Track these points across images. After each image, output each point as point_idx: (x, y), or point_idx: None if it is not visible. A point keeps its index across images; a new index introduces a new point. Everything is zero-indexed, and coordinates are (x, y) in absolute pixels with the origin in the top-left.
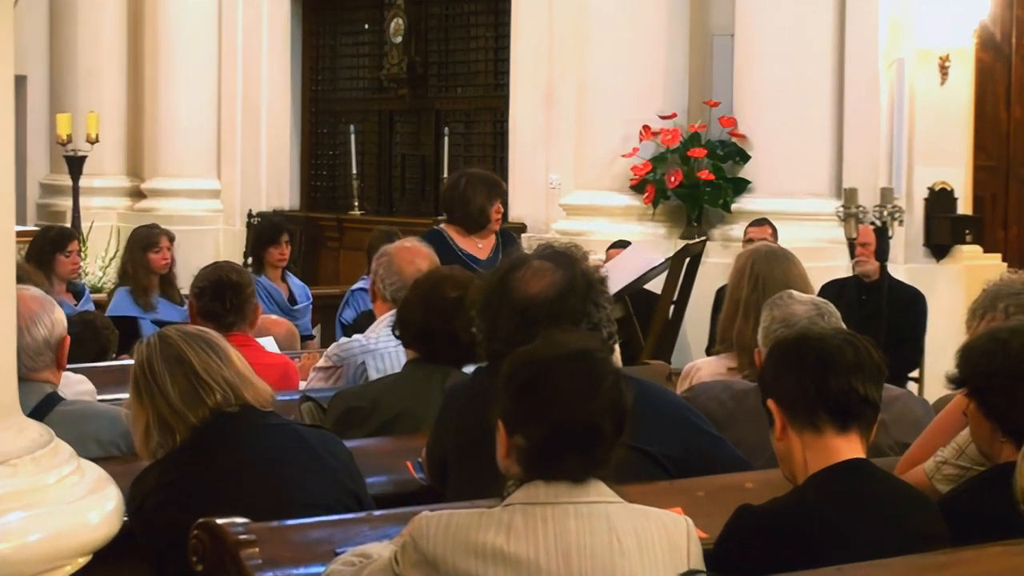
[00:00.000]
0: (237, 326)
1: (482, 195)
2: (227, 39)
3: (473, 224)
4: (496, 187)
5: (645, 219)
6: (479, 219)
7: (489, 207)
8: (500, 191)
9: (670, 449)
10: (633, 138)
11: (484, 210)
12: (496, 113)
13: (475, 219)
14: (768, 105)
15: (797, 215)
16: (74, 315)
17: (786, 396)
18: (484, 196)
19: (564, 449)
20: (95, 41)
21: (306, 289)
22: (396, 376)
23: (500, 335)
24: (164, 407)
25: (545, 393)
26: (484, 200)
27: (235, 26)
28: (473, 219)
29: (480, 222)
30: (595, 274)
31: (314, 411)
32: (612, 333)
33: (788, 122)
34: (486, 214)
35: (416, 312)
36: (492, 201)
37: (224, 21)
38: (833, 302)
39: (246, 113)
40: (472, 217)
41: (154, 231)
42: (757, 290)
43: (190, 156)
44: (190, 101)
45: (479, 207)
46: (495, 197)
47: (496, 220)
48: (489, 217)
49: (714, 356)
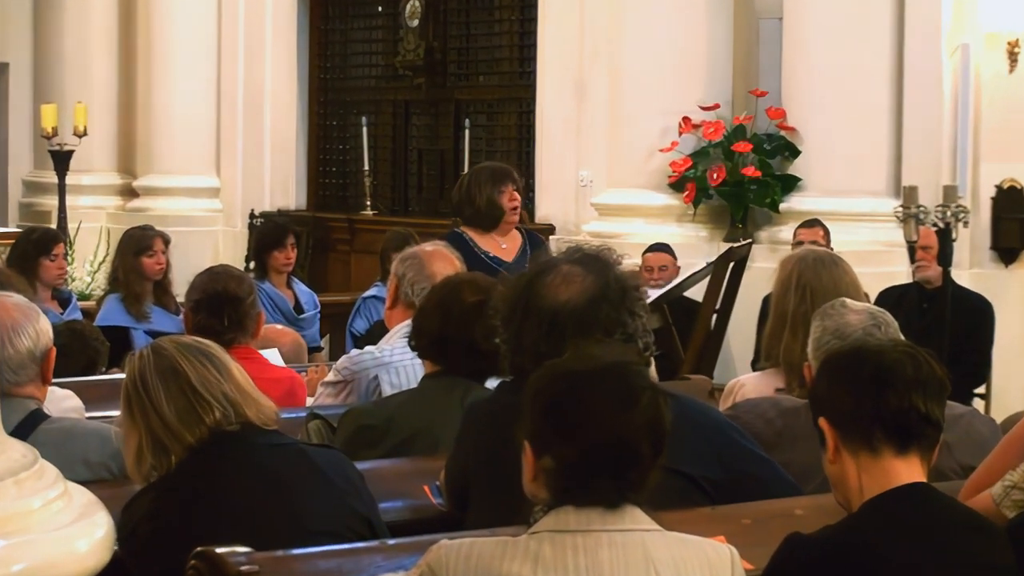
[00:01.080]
0: (238, 340)
1: (488, 186)
2: (227, 23)
3: (487, 220)
4: (503, 175)
5: (685, 220)
6: (491, 212)
7: (498, 196)
8: (509, 178)
9: (713, 472)
10: (672, 131)
11: (493, 201)
12: (521, 104)
13: (487, 213)
14: (820, 95)
15: (852, 216)
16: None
17: (839, 414)
18: (490, 186)
19: (596, 472)
20: (84, 25)
21: (314, 296)
22: (412, 391)
23: (526, 347)
24: (158, 425)
25: (576, 411)
26: (491, 190)
27: (236, 9)
28: (484, 214)
29: (493, 215)
30: (630, 280)
31: (322, 430)
32: (649, 345)
33: (842, 113)
34: (497, 204)
35: (432, 319)
36: (500, 189)
37: (224, 4)
38: (891, 311)
39: (248, 104)
40: (483, 212)
41: (148, 233)
42: (805, 302)
43: (187, 151)
44: (187, 91)
45: (487, 199)
46: (504, 185)
47: (513, 210)
48: (502, 207)
49: (760, 372)
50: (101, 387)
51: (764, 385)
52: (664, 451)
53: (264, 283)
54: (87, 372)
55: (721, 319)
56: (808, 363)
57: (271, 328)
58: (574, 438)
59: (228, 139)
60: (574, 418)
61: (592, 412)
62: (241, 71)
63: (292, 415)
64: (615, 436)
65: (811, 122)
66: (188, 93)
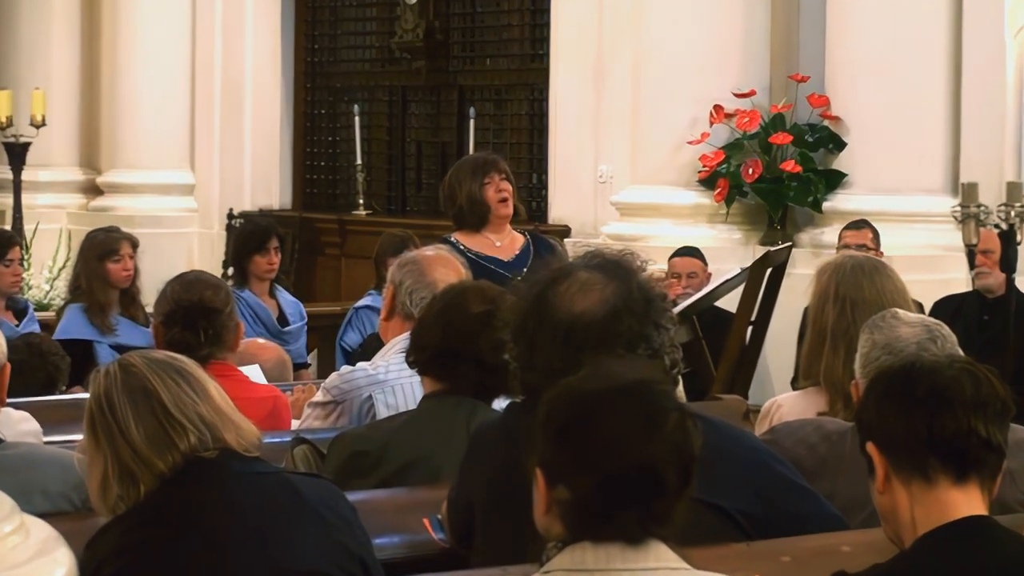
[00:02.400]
0: (215, 356)
1: (467, 180)
2: (203, 0)
3: (473, 218)
4: (484, 165)
5: (717, 220)
6: (475, 208)
7: (480, 189)
8: (493, 167)
9: (748, 504)
10: (702, 121)
11: (474, 195)
12: (533, 90)
13: (470, 211)
14: (868, 80)
15: (904, 216)
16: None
17: (890, 439)
18: (469, 179)
19: (617, 504)
20: (42, 5)
21: (300, 307)
22: (411, 413)
23: (538, 363)
24: (126, 451)
25: (594, 434)
26: (470, 184)
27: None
28: (468, 212)
29: (478, 211)
30: (655, 288)
31: (310, 456)
32: (676, 361)
33: (893, 101)
34: (479, 199)
35: (434, 332)
36: (481, 180)
37: None
38: (948, 323)
39: (227, 91)
40: (465, 211)
41: (113, 235)
42: (845, 315)
43: (157, 143)
44: (157, 76)
45: (468, 196)
46: (486, 176)
47: (502, 203)
48: (486, 201)
49: (800, 392)
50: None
51: (805, 406)
52: (693, 480)
53: (244, 292)
54: (46, 391)
55: (757, 332)
56: (855, 381)
57: (252, 342)
58: (592, 465)
59: (203, 130)
60: (592, 443)
61: (612, 436)
62: (218, 54)
63: (276, 440)
64: (638, 463)
65: (858, 111)
66: (159, 79)
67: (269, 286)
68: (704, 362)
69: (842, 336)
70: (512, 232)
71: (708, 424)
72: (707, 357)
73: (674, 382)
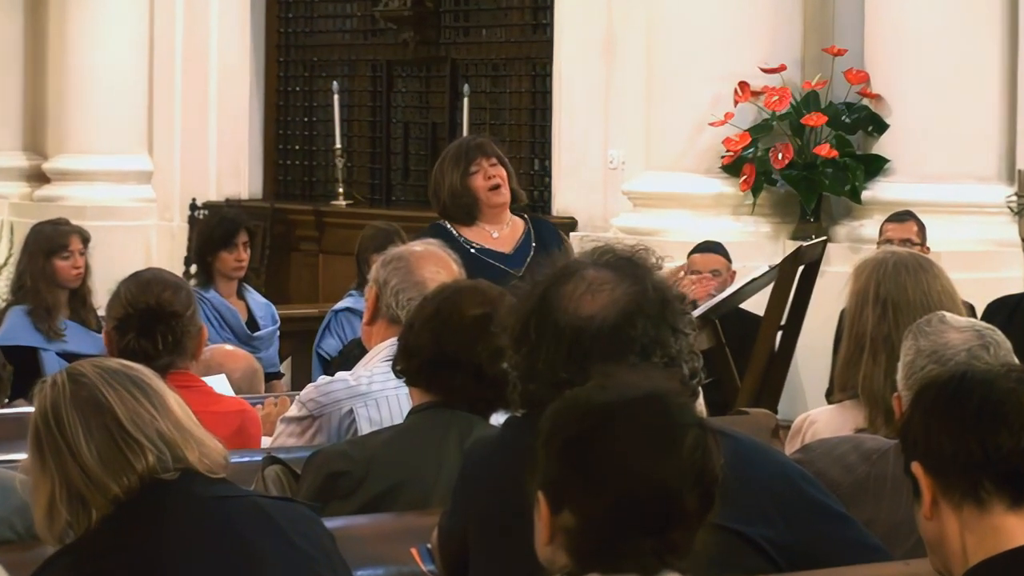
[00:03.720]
0: (175, 365)
1: (451, 170)
2: None
3: (461, 212)
4: (470, 150)
5: (742, 212)
6: (460, 201)
7: (464, 179)
8: (479, 152)
9: (776, 531)
10: (726, 100)
11: (457, 188)
12: (535, 65)
13: (457, 204)
14: (913, 54)
15: (953, 207)
16: None
17: (938, 458)
18: (452, 169)
19: (629, 531)
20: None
21: (272, 309)
22: (397, 429)
23: (541, 373)
24: (76, 472)
25: (603, 453)
26: (453, 174)
27: None
28: (454, 206)
29: (464, 204)
30: (672, 289)
31: (283, 478)
32: (696, 370)
33: (941, 77)
34: (466, 190)
35: (424, 338)
36: (464, 167)
37: None
38: (1002, 328)
39: (189, 67)
40: (450, 206)
41: (62, 229)
42: (886, 319)
43: (110, 126)
44: (111, 52)
45: (451, 188)
46: (472, 163)
47: (493, 190)
48: (474, 191)
49: (835, 406)
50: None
51: (841, 422)
52: (714, 504)
53: (209, 292)
54: None
55: (787, 338)
56: (898, 394)
57: (218, 349)
58: (601, 488)
59: (163, 110)
60: (601, 463)
61: (624, 455)
62: (180, 24)
63: (244, 459)
64: (653, 486)
65: (902, 88)
66: (113, 53)
67: (237, 286)
68: (728, 371)
69: (883, 343)
70: (513, 219)
71: (732, 441)
72: (731, 366)
73: (694, 394)
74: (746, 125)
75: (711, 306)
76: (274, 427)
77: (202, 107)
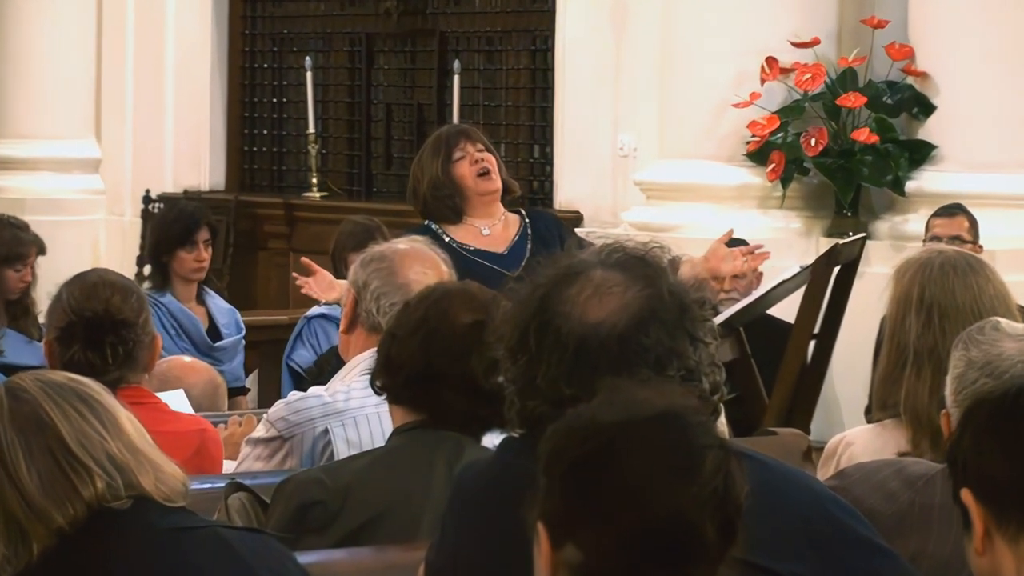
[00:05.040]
0: (126, 380)
1: (431, 161)
2: None
3: (444, 207)
4: (447, 136)
5: (770, 205)
6: (443, 192)
7: (446, 165)
8: (462, 136)
9: (808, 568)
10: (751, 77)
11: (439, 179)
12: (535, 39)
13: (438, 198)
14: (964, 27)
15: (1008, 200)
16: None
17: (991, 484)
18: (432, 159)
19: (642, 567)
20: None
21: (236, 316)
22: (379, 452)
23: (542, 388)
24: (15, 500)
25: (612, 479)
26: (433, 164)
27: None
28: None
29: (446, 195)
30: (692, 292)
31: (249, 507)
32: (718, 385)
33: (996, 53)
34: (448, 180)
35: (409, 348)
36: (446, 153)
37: None
38: None
39: (142, 41)
40: (432, 201)
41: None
42: (931, 327)
43: (55, 109)
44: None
45: (431, 180)
46: (453, 149)
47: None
48: (458, 180)
49: (875, 425)
50: None
51: (881, 443)
52: (737, 537)
53: (165, 296)
54: None
55: (821, 348)
56: (946, 411)
57: (175, 361)
58: (609, 519)
59: (113, 91)
60: (609, 490)
61: (635, 482)
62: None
63: (205, 486)
64: (668, 516)
65: (951, 65)
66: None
67: (197, 289)
68: (754, 386)
69: (928, 354)
70: (505, 214)
71: (757, 465)
72: (757, 380)
73: (715, 411)
74: (774, 107)
75: (735, 312)
76: (238, 449)
77: (157, 86)
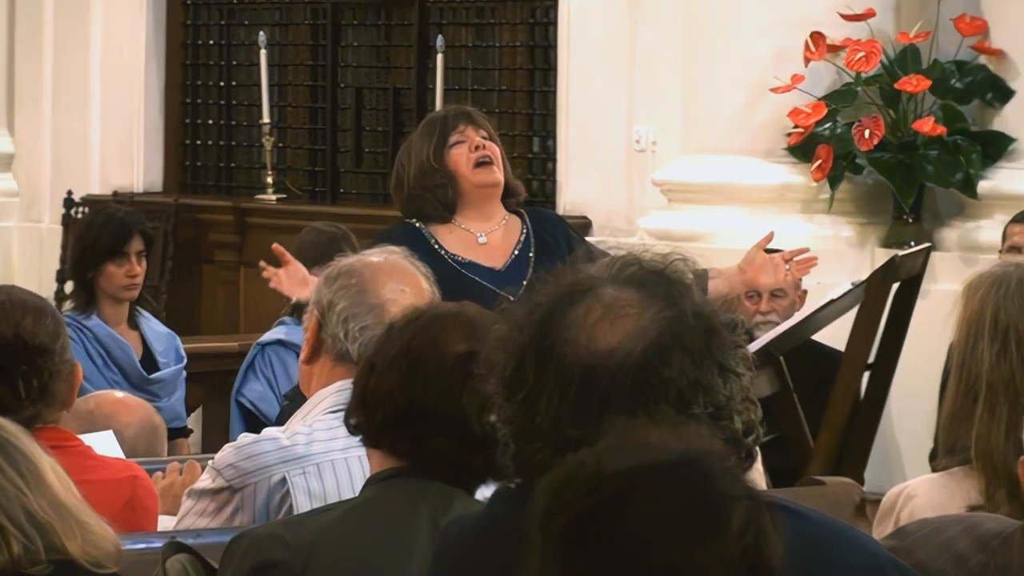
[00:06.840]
0: (42, 418)
1: (419, 144)
2: None
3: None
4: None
5: (815, 209)
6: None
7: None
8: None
9: None
10: (793, 57)
11: (429, 164)
12: (535, 10)
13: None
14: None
15: None
16: None
17: None
18: (424, 141)
19: None
20: None
21: (176, 342)
22: (349, 505)
23: (541, 428)
24: None
25: (619, 539)
26: (425, 147)
27: None
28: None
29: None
30: (720, 313)
31: (191, 571)
32: (752, 424)
33: None
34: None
35: (390, 381)
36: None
37: None
38: None
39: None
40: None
41: None
42: (1007, 355)
43: None
44: None
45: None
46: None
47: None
48: (452, 168)
49: (941, 474)
50: None
51: (948, 495)
52: None
53: (90, 319)
54: None
55: (877, 381)
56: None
57: (104, 396)
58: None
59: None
60: (616, 551)
61: (647, 540)
62: None
63: (139, 545)
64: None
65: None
66: None
67: (129, 311)
68: (796, 426)
69: (1004, 388)
70: (507, 219)
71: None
72: (801, 418)
73: (748, 456)
74: (820, 92)
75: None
76: (178, 502)
77: (81, 72)
